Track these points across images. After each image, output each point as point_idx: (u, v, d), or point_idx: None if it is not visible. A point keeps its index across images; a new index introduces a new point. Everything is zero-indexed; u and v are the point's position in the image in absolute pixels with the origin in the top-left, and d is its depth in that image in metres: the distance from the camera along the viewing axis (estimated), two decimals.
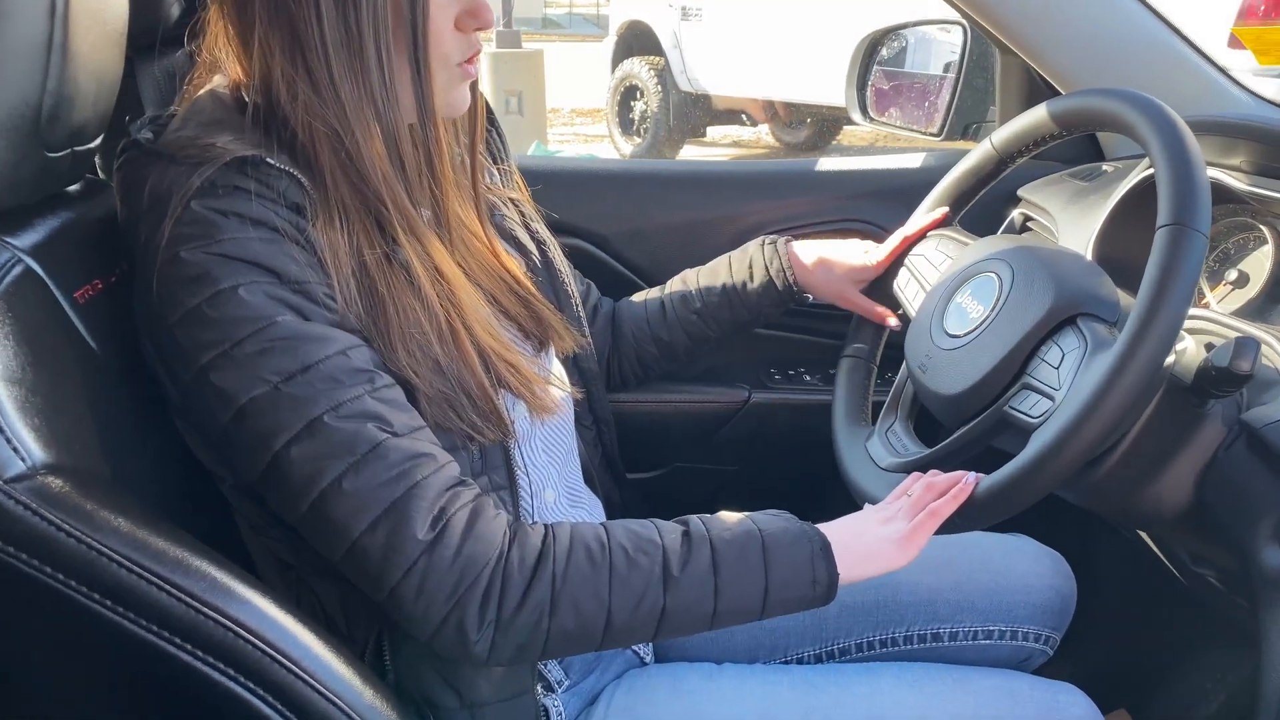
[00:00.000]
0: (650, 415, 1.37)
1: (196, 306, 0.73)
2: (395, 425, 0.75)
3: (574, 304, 1.08)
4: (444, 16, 0.79)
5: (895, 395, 1.10)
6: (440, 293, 0.81)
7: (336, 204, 0.78)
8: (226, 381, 0.73)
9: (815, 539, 0.83)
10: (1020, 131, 1.06)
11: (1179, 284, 0.78)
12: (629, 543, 0.79)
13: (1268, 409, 0.88)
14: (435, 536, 0.74)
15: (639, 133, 7.42)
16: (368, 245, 0.78)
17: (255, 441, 0.73)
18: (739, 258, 1.19)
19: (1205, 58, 1.28)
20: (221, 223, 0.73)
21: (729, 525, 0.83)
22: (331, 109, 0.76)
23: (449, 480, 0.77)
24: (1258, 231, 1.09)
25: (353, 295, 0.77)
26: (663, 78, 7.17)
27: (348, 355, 0.75)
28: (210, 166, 0.74)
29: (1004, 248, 1.01)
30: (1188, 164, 0.82)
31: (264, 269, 0.73)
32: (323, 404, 0.73)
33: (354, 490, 0.73)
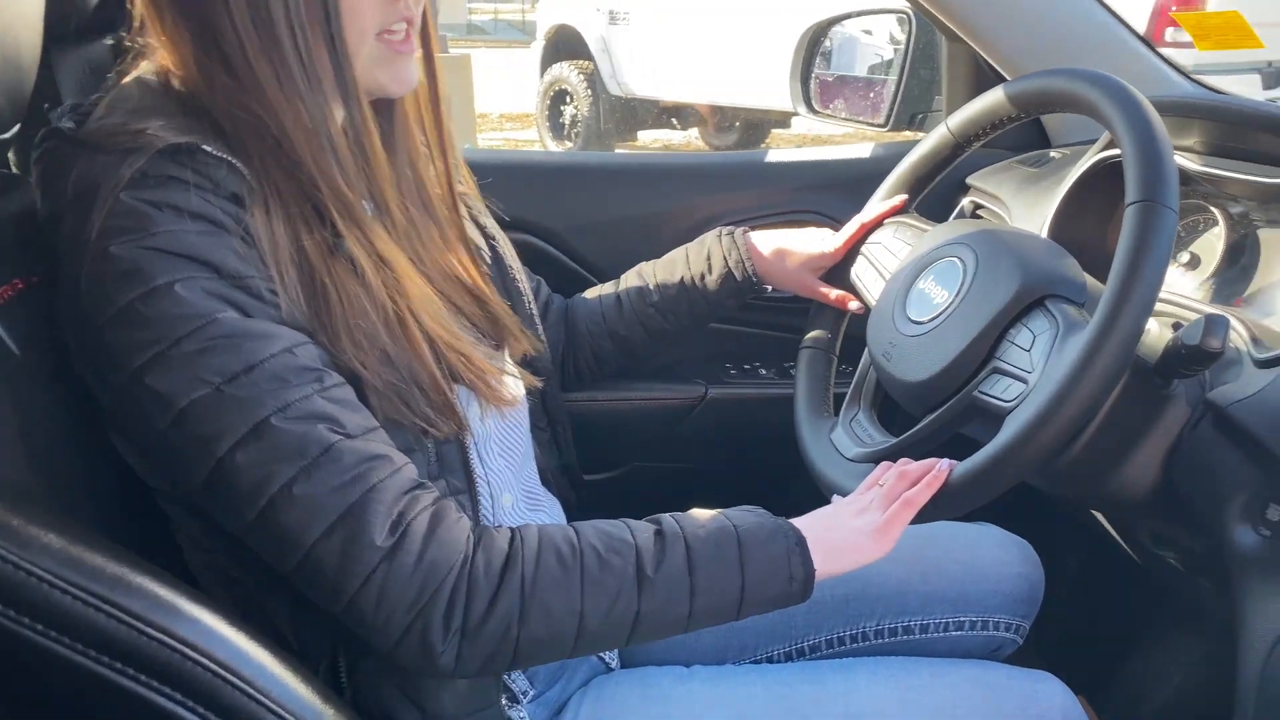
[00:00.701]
0: (606, 414, 1.34)
1: (129, 304, 0.68)
2: (348, 426, 0.71)
3: (526, 301, 1.04)
4: None
5: (858, 385, 1.09)
6: (385, 280, 0.77)
7: (273, 192, 0.74)
8: (163, 384, 0.68)
9: (790, 534, 0.81)
10: (977, 114, 1.05)
11: (1152, 260, 0.77)
12: (600, 543, 0.76)
13: (1232, 387, 0.87)
14: (395, 542, 0.70)
15: (570, 137, 7.39)
16: (307, 233, 0.74)
17: (196, 448, 0.69)
18: (696, 249, 1.17)
19: (1147, 44, 1.29)
20: (155, 215, 0.68)
21: (703, 523, 0.80)
22: (252, 95, 0.72)
23: (407, 483, 0.73)
24: (1209, 213, 1.10)
25: (295, 286, 0.73)
26: (592, 81, 7.16)
27: (294, 353, 0.70)
28: (141, 155, 0.69)
29: (966, 232, 0.99)
30: (1154, 140, 0.81)
31: (202, 263, 0.69)
32: (269, 405, 0.68)
33: (306, 496, 0.68)
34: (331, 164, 0.75)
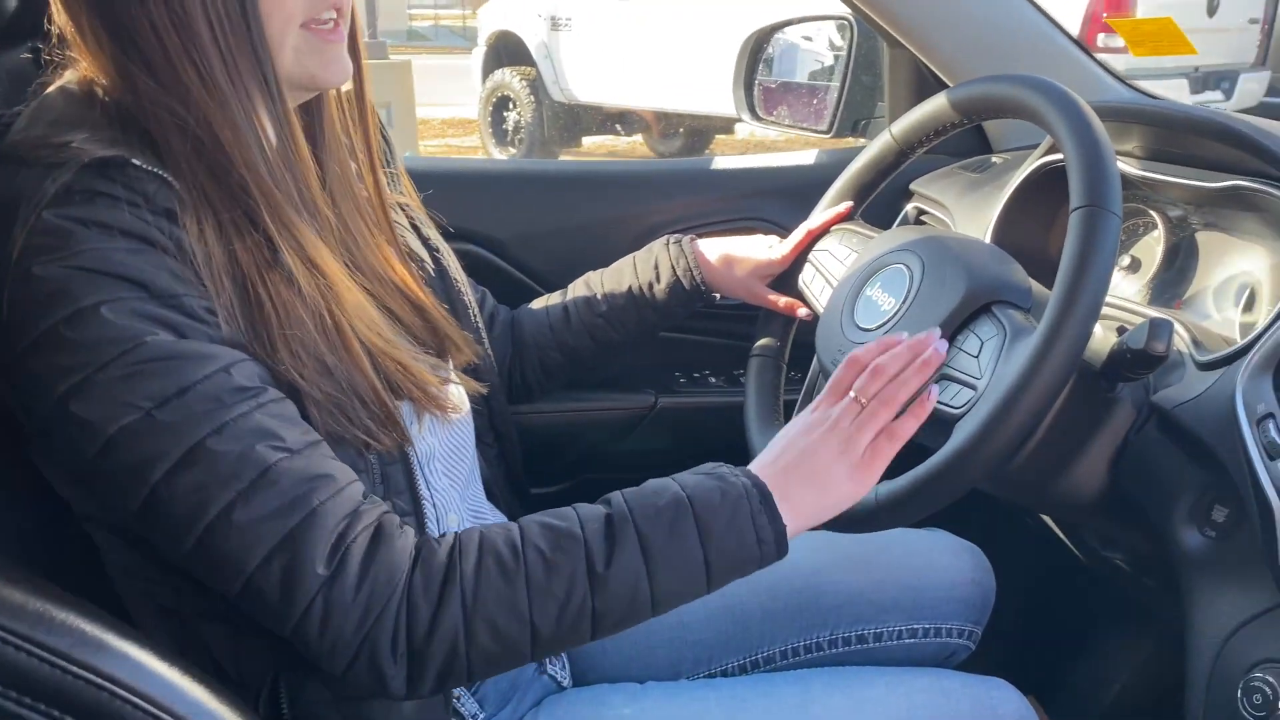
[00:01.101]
0: (554, 426, 1.32)
1: (53, 328, 0.64)
2: (288, 441, 0.68)
3: (470, 313, 1.02)
4: None
5: (808, 392, 1.09)
6: (319, 286, 0.75)
7: (203, 201, 0.71)
8: (90, 411, 0.65)
9: (753, 493, 0.76)
10: (921, 121, 1.05)
11: (1097, 265, 0.78)
12: (546, 543, 0.72)
13: (1175, 390, 0.88)
14: (334, 569, 0.67)
15: (513, 143, 7.35)
16: (239, 240, 0.71)
17: (128, 474, 0.66)
18: (644, 258, 1.16)
19: (1085, 50, 1.31)
20: (80, 233, 0.65)
21: (654, 501, 0.75)
22: (175, 96, 0.70)
23: (349, 503, 0.70)
24: (1148, 217, 1.11)
25: (230, 298, 0.70)
26: (535, 88, 7.13)
27: (229, 372, 0.68)
28: (67, 170, 0.66)
29: (911, 238, 0.99)
30: (1097, 146, 0.82)
31: (131, 283, 0.66)
32: (204, 427, 0.65)
33: (243, 522, 0.66)
34: (259, 162, 0.72)
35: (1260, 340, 0.82)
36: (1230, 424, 0.80)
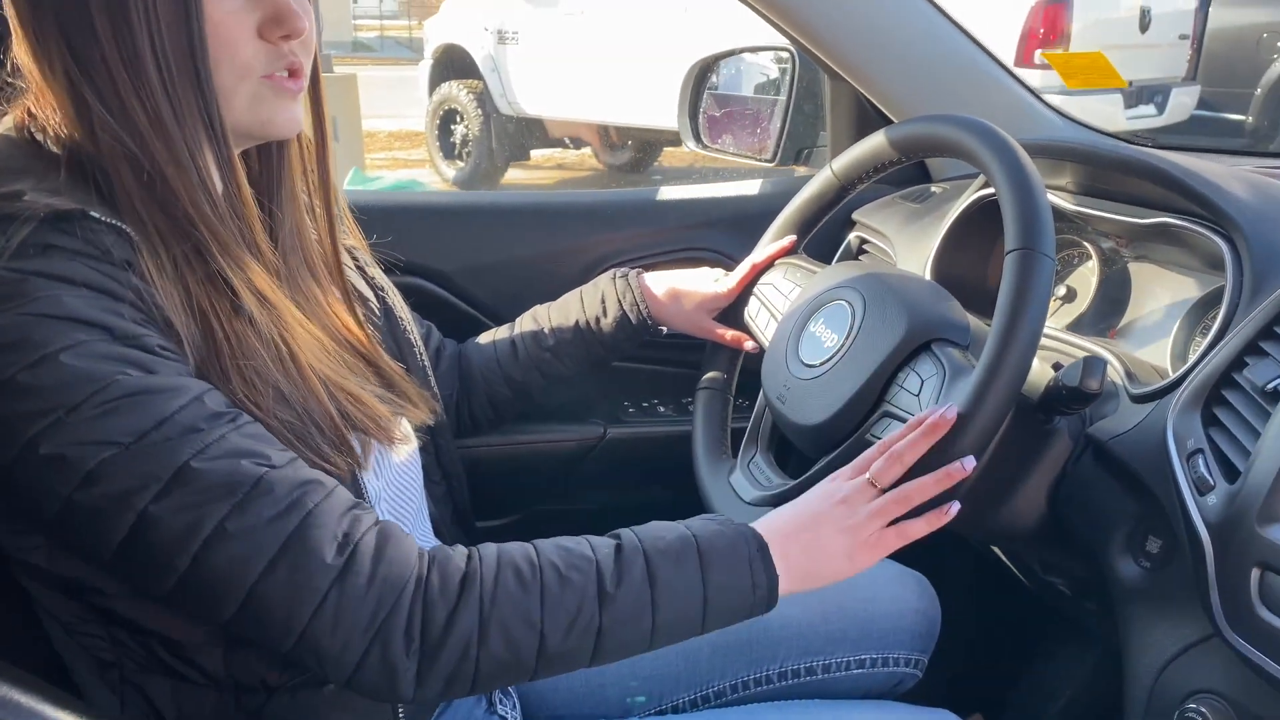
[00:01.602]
0: (502, 459, 1.31)
1: (12, 378, 0.63)
2: (271, 457, 0.69)
3: (417, 353, 1.02)
4: (238, 23, 0.72)
5: (754, 426, 1.09)
6: (271, 317, 0.75)
7: (156, 238, 0.71)
8: (65, 449, 0.63)
9: (752, 541, 0.79)
10: (860, 158, 1.07)
11: (1032, 308, 0.80)
12: (560, 560, 0.74)
13: (1110, 422, 0.91)
14: (345, 562, 0.68)
15: (461, 156, 7.31)
16: (190, 273, 0.72)
17: (113, 504, 0.64)
18: (590, 292, 1.16)
19: (1020, 83, 1.34)
20: (36, 282, 0.64)
21: (662, 534, 0.78)
22: (126, 130, 0.70)
23: (345, 503, 0.71)
24: (1082, 248, 1.14)
25: (188, 332, 0.70)
26: (482, 101, 7.10)
27: (203, 401, 0.68)
28: (24, 225, 0.65)
29: (852, 275, 1.01)
30: (1031, 190, 0.84)
31: (92, 326, 0.65)
32: (186, 451, 0.65)
33: (242, 532, 0.65)
34: (203, 201, 0.72)
35: (1190, 376, 0.85)
36: (1162, 458, 0.82)
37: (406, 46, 16.98)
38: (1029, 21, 5.02)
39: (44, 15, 0.70)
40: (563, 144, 7.71)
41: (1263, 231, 0.88)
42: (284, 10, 0.73)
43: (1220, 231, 0.92)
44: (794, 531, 0.81)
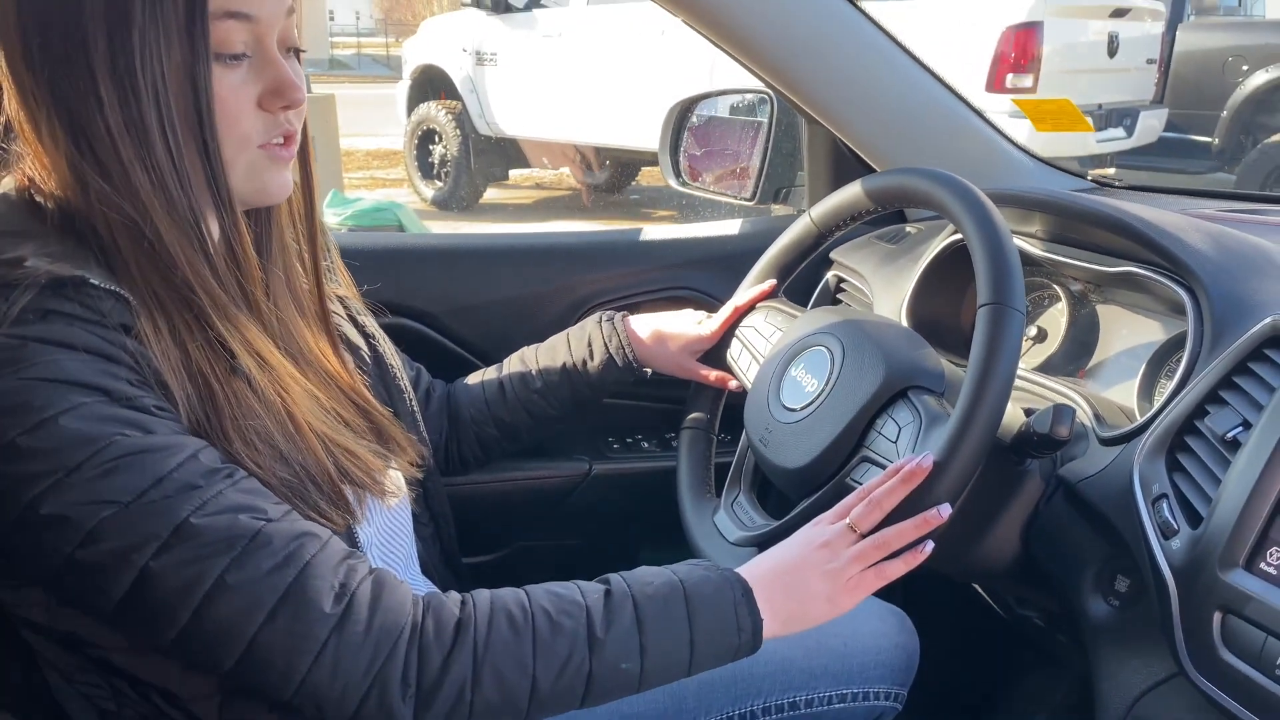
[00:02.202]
0: (489, 495, 1.34)
1: (11, 441, 0.65)
2: (267, 511, 0.71)
3: (406, 399, 1.05)
4: (240, 96, 0.75)
5: (737, 466, 1.12)
6: (270, 378, 0.78)
7: (156, 305, 0.73)
8: (66, 509, 0.65)
9: (736, 585, 0.82)
10: (837, 207, 1.11)
11: (1003, 361, 0.83)
12: (551, 606, 0.77)
13: (1080, 464, 0.94)
14: (343, 610, 0.70)
15: (440, 176, 7.33)
16: (189, 337, 0.74)
17: (114, 561, 0.66)
18: (577, 335, 1.19)
19: (993, 127, 1.38)
20: (34, 347, 0.66)
21: (650, 580, 0.81)
22: (126, 198, 0.71)
23: (340, 553, 0.73)
24: (1052, 290, 1.18)
25: (187, 394, 0.72)
26: (460, 121, 7.13)
27: (199, 458, 0.70)
28: (24, 291, 0.67)
29: (831, 321, 1.04)
30: (1001, 246, 0.87)
31: (89, 389, 0.67)
32: (186, 508, 0.67)
33: (241, 584, 0.68)
34: (203, 265, 0.74)
35: (1155, 422, 0.88)
36: (1128, 501, 0.85)
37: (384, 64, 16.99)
38: (1000, 46, 5.11)
39: (43, 82, 0.71)
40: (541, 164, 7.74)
41: (1222, 283, 0.92)
42: (284, 82, 0.76)
43: (1181, 282, 0.95)
44: (778, 576, 0.84)
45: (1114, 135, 5.87)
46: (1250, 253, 0.98)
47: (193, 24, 0.70)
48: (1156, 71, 6.24)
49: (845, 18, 1.28)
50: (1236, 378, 0.84)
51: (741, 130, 1.54)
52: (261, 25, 0.75)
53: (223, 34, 0.73)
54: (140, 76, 0.70)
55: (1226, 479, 0.78)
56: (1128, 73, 5.93)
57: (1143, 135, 6.05)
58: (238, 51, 0.74)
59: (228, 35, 0.73)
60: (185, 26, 0.70)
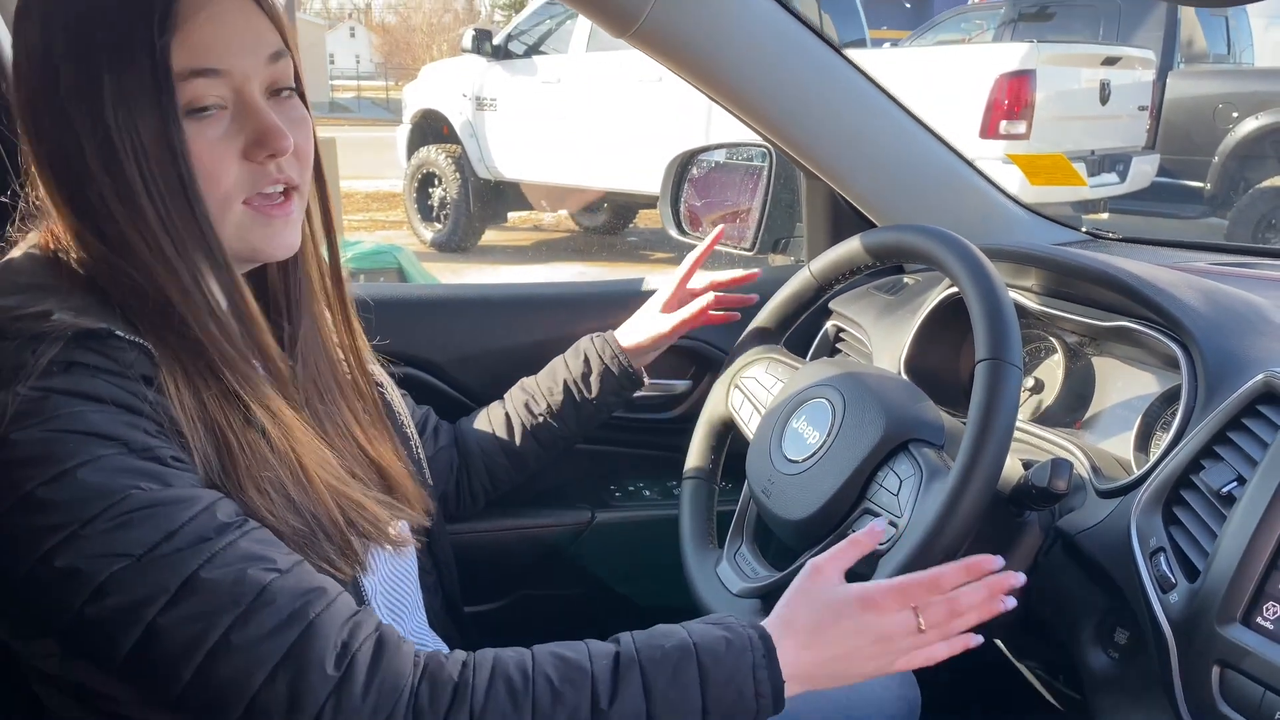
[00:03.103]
0: (492, 544, 1.34)
1: (31, 492, 0.66)
2: (277, 562, 0.71)
3: (413, 447, 1.06)
4: (220, 151, 0.76)
5: (740, 517, 1.13)
6: (281, 430, 0.79)
7: (173, 357, 0.74)
8: (77, 563, 0.66)
9: (758, 646, 0.78)
10: (836, 261, 1.13)
11: (1001, 416, 0.85)
12: (555, 673, 0.75)
13: (1078, 516, 0.95)
14: (343, 673, 0.69)
15: (439, 219, 7.39)
16: (205, 388, 0.75)
17: (122, 616, 0.67)
18: (573, 354, 1.25)
19: (987, 180, 1.41)
20: (57, 399, 0.68)
21: (661, 644, 0.78)
22: (128, 261, 0.73)
23: (346, 611, 0.73)
24: (1048, 342, 1.20)
25: (203, 443, 0.74)
26: (460, 165, 7.20)
27: (212, 511, 0.70)
28: (52, 345, 0.69)
29: (832, 374, 1.06)
30: (998, 303, 0.89)
31: (109, 440, 0.68)
32: (195, 560, 0.68)
33: (245, 643, 0.68)
34: (209, 323, 0.76)
35: (1151, 476, 0.90)
36: (1126, 554, 0.87)
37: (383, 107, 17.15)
38: (993, 93, 5.19)
39: (42, 154, 0.75)
40: (540, 207, 7.81)
41: (1215, 339, 0.94)
42: (266, 132, 0.77)
43: (1175, 338, 0.97)
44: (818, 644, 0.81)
45: (1107, 180, 5.94)
46: (1242, 309, 1.00)
47: (159, 88, 0.72)
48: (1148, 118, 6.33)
49: (841, 75, 1.31)
50: (1230, 433, 0.85)
51: (740, 181, 1.57)
52: (236, 77, 0.76)
53: (193, 92, 0.74)
54: (119, 145, 0.72)
55: (1222, 534, 0.79)
56: (1120, 119, 6.02)
57: (1135, 180, 6.13)
58: (208, 106, 0.75)
59: (198, 93, 0.74)
60: (152, 91, 0.72)
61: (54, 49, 0.73)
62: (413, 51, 27.35)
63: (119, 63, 0.72)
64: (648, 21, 1.17)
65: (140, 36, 0.72)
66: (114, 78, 0.72)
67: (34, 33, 0.74)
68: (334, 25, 38.29)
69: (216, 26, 0.75)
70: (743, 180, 1.56)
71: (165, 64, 0.72)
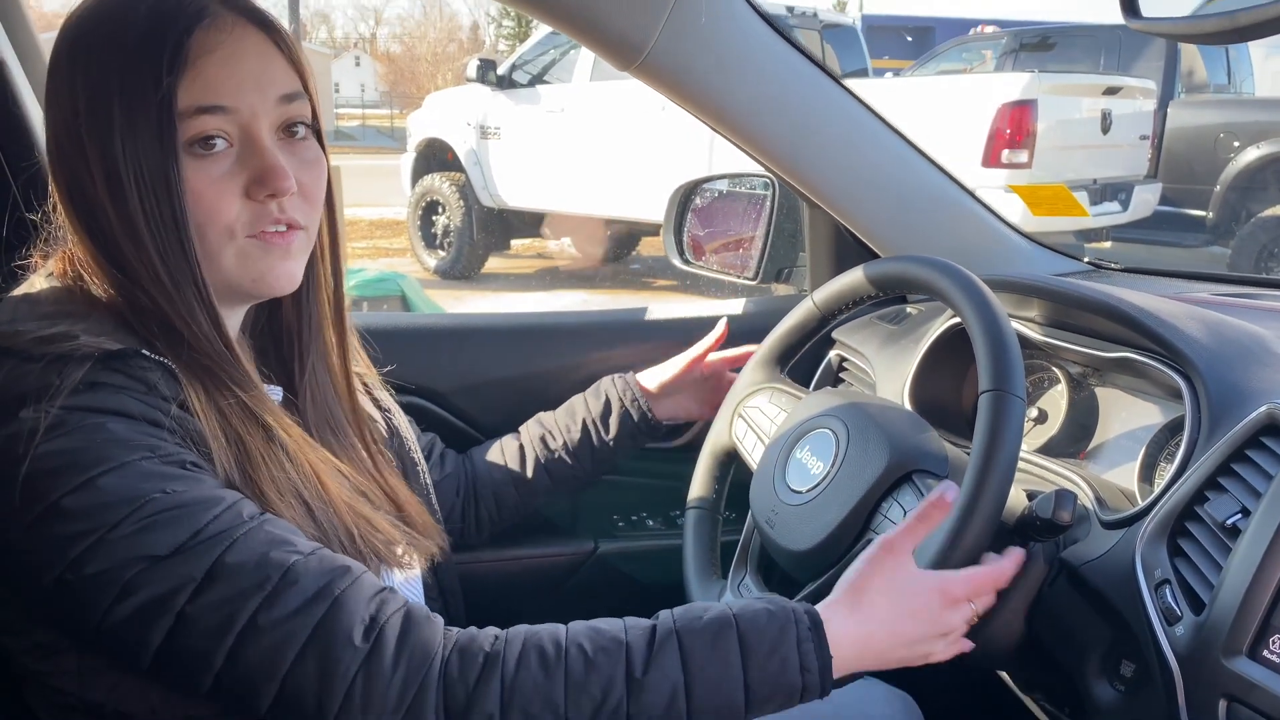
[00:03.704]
0: (495, 574, 1.34)
1: (57, 502, 0.68)
2: (299, 545, 0.73)
3: (420, 473, 1.07)
4: (222, 187, 0.78)
5: (743, 548, 1.13)
6: (297, 444, 0.81)
7: (193, 370, 0.77)
8: (107, 564, 0.68)
9: (803, 620, 0.77)
10: (840, 292, 1.13)
11: (1005, 448, 0.85)
12: (589, 642, 0.74)
13: (1082, 547, 0.95)
14: (371, 646, 0.70)
15: (442, 246, 7.43)
16: (222, 399, 0.78)
17: (150, 612, 0.68)
18: (593, 393, 1.25)
19: (989, 210, 1.41)
20: (81, 415, 0.70)
21: (700, 614, 0.77)
22: (137, 287, 0.76)
23: (371, 587, 0.74)
24: (1051, 372, 1.20)
25: (225, 451, 0.76)
26: (464, 193, 7.24)
27: (236, 509, 0.72)
28: (79, 366, 0.71)
29: (836, 404, 1.06)
30: (1000, 334, 0.90)
31: (133, 448, 0.70)
32: (218, 548, 0.69)
33: (273, 623, 0.69)
34: (208, 347, 0.78)
35: (1156, 506, 0.89)
36: (1131, 586, 0.86)
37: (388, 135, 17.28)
38: (995, 123, 5.23)
39: (62, 184, 0.78)
40: (543, 234, 7.84)
41: (1218, 371, 0.94)
42: (267, 171, 0.78)
43: (1178, 369, 0.97)
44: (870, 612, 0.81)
45: (1109, 209, 5.96)
46: (1246, 340, 1.00)
47: (161, 123, 0.74)
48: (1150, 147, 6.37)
49: (843, 106, 1.32)
50: (1235, 464, 0.85)
51: (744, 211, 1.57)
52: (244, 115, 0.78)
53: (198, 129, 0.76)
54: (125, 178, 0.74)
55: (1228, 566, 0.79)
56: (1121, 149, 6.05)
57: (1138, 209, 6.15)
58: (215, 146, 0.77)
59: (203, 129, 0.76)
60: (155, 125, 0.74)
61: (78, 80, 0.76)
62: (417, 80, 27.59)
63: (128, 97, 0.74)
64: (651, 55, 1.19)
65: (149, 74, 0.74)
66: (123, 112, 0.74)
67: (62, 65, 0.78)
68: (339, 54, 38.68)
69: (227, 66, 0.77)
70: (746, 209, 1.57)
71: (170, 101, 0.74)
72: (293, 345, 0.90)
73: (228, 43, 0.77)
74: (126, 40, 0.75)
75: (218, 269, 0.79)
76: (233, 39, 0.77)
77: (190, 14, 0.76)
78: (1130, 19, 0.71)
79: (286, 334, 0.90)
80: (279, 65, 0.81)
